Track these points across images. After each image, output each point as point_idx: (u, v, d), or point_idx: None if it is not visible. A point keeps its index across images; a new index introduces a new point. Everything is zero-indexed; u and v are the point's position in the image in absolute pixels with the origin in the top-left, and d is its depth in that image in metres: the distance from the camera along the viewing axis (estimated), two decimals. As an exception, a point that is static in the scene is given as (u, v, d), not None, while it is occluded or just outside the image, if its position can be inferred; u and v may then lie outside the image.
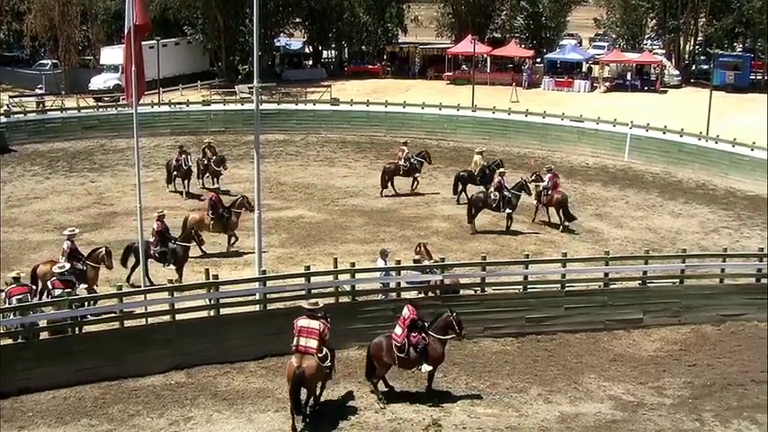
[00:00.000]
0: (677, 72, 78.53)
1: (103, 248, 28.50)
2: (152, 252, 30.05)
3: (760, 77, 78.37)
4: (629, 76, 76.09)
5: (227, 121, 56.96)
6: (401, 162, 42.78)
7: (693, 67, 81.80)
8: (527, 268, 27.68)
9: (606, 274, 28.30)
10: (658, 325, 28.11)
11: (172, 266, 30.18)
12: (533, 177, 39.03)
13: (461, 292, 27.43)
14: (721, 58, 72.48)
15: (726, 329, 28.20)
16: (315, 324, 20.76)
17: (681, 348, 26.87)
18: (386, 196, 42.25)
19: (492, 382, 23.79)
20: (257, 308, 25.30)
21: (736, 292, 28.92)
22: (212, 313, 24.77)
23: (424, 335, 22.02)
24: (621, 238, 36.56)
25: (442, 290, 26.99)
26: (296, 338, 20.83)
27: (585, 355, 25.88)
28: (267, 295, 25.39)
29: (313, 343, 20.64)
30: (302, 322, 20.85)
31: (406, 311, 22.06)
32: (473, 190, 39.68)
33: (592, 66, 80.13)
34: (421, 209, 40.12)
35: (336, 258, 27.38)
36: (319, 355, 20.73)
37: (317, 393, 21.70)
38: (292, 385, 20.74)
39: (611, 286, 28.29)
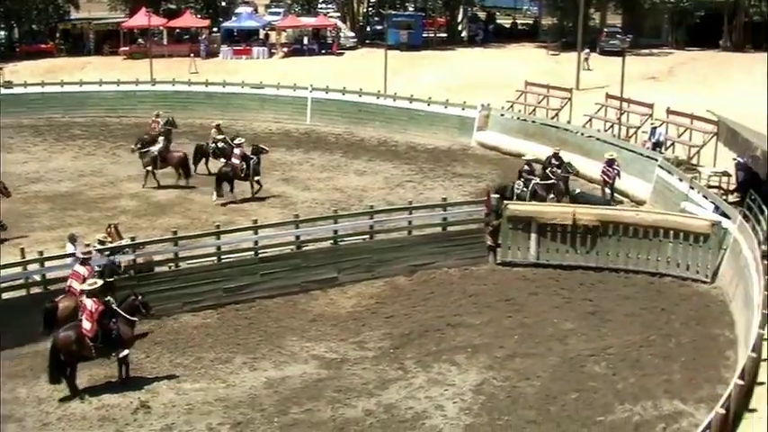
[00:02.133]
0: (353, 34, 79.84)
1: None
2: None
3: (432, 35, 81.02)
4: (306, 41, 76.73)
5: None
6: (155, 133, 42.34)
7: (368, 29, 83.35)
8: (219, 239, 27.66)
9: (298, 237, 28.64)
10: (353, 281, 28.84)
11: None
12: (138, 146, 40.02)
13: (156, 269, 27.05)
14: (394, 18, 74.55)
15: (418, 279, 29.27)
16: (81, 269, 23.35)
17: (377, 302, 27.64)
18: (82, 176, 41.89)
19: (196, 357, 23.64)
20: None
21: (425, 242, 30.04)
22: None
23: (115, 319, 21.58)
24: (310, 201, 37.08)
25: (135, 269, 26.47)
26: (68, 281, 23.59)
27: (285, 318, 26.14)
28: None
29: (77, 285, 22.92)
30: (75, 267, 23.65)
31: (91, 304, 21.36)
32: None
33: (269, 32, 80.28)
34: (107, 189, 39.11)
35: (23, 248, 26.30)
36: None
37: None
38: (43, 313, 22.94)
39: (304, 248, 28.68)
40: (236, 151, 37.38)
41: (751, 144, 30.60)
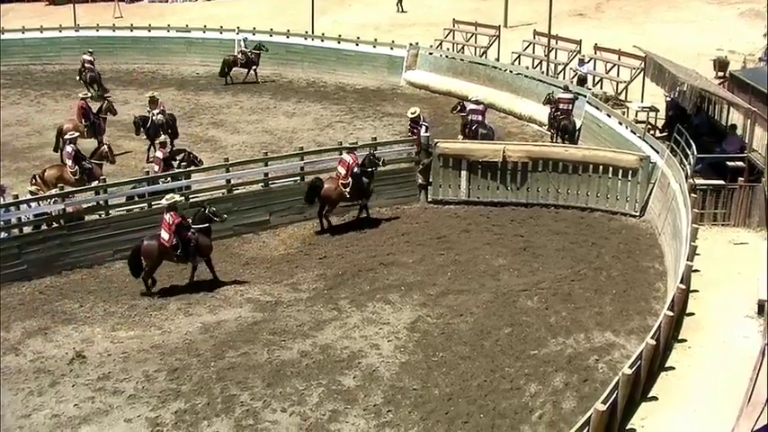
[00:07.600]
0: (278, -26, 79.16)
1: (106, 146, 31.35)
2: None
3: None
4: (231, -18, 75.94)
5: None
6: (239, 56, 47.78)
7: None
8: (149, 185, 27.46)
9: (229, 181, 28.52)
10: (285, 224, 28.92)
11: None
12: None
13: (86, 218, 26.76)
14: (318, -42, 73.69)
15: (350, 219, 29.36)
16: (167, 217, 23.99)
17: (310, 243, 27.71)
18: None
19: (130, 305, 23.50)
20: None
21: (356, 182, 30.02)
22: None
23: (191, 232, 24.09)
24: (240, 144, 36.88)
25: (65, 219, 26.16)
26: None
27: (218, 262, 25.89)
28: None
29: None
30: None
31: (169, 217, 23.74)
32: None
33: (193, -26, 79.19)
34: (33, 138, 38.34)
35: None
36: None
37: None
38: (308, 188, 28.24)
39: (235, 192, 28.62)
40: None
41: (678, 79, 30.87)
